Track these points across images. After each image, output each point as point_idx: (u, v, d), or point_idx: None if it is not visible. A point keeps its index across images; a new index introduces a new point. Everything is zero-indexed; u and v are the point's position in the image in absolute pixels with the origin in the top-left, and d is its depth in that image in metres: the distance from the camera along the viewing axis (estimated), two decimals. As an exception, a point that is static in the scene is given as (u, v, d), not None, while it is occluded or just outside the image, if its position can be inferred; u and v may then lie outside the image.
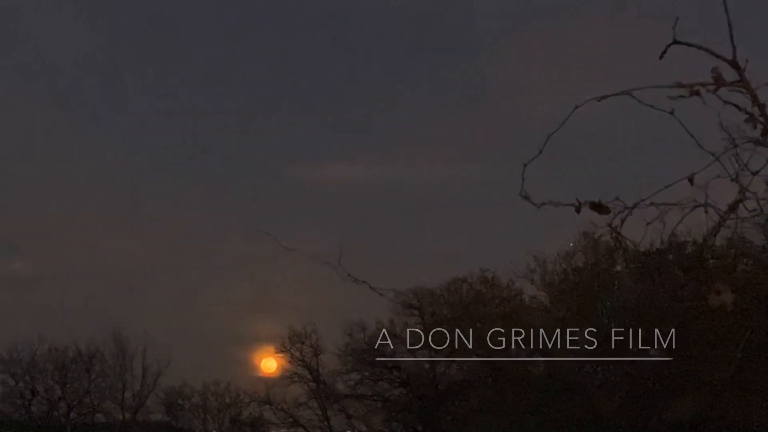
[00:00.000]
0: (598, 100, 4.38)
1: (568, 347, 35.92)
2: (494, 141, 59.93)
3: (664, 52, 4.52)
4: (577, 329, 35.41)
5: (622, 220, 4.92)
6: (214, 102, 73.72)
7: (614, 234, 5.06)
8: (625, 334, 34.00)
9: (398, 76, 66.96)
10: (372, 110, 65.44)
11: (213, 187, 70.26)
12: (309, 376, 47.70)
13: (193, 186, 70.60)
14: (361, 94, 67.88)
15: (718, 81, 4.42)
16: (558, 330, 36.32)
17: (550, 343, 36.87)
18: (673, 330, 32.32)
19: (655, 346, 35.30)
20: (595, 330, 34.99)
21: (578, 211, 4.62)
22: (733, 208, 4.96)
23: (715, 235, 5.60)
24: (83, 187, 72.10)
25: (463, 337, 41.50)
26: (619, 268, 36.35)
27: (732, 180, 4.88)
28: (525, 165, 4.53)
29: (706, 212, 5.01)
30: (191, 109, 70.50)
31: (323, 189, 65.20)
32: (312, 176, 67.12)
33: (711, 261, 28.84)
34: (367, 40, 67.40)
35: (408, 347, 45.20)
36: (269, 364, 50.25)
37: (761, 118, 4.57)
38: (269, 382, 48.63)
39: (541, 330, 37.30)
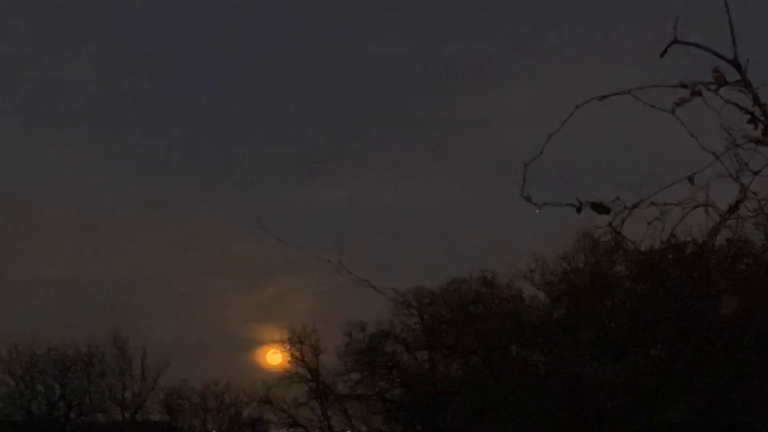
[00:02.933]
0: (599, 100, 4.36)
1: (568, 347, 35.91)
2: (473, 163, 63.15)
3: (665, 51, 4.51)
4: (577, 329, 35.40)
5: (623, 220, 4.91)
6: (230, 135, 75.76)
7: (614, 234, 5.05)
8: (626, 334, 33.99)
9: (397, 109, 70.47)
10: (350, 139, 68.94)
11: (220, 200, 72.28)
12: (309, 376, 47.70)
13: (199, 196, 72.44)
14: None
15: (720, 80, 4.40)
16: (558, 330, 36.32)
17: (550, 343, 36.87)
18: (673, 330, 32.31)
19: (656, 346, 35.30)
20: (595, 330, 34.98)
21: (579, 211, 4.61)
22: (733, 208, 4.95)
23: (715, 235, 5.60)
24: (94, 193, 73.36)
25: (462, 337, 41.53)
26: (619, 268, 36.30)
27: (733, 179, 4.87)
28: (526, 165, 4.52)
29: (707, 212, 5.00)
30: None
31: (324, 207, 67.35)
32: (314, 196, 69.42)
33: (711, 261, 28.83)
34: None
35: (408, 347, 45.22)
36: (275, 356, 50.40)
37: (762, 118, 4.56)
38: (270, 383, 48.63)
39: (541, 330, 37.30)
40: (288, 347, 48.40)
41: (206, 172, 75.37)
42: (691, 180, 4.73)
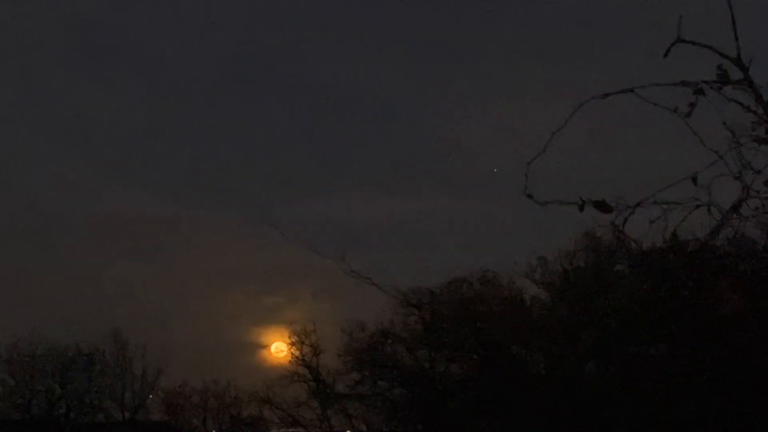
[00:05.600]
0: (602, 98, 4.34)
1: (568, 347, 35.90)
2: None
3: (668, 50, 4.49)
4: (578, 329, 35.38)
5: (625, 219, 4.89)
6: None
7: (617, 233, 5.02)
8: (626, 333, 33.97)
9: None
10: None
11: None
12: (309, 376, 47.70)
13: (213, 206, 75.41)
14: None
15: (723, 79, 4.38)
16: (559, 329, 36.30)
17: (550, 342, 36.85)
18: (674, 329, 32.28)
19: (657, 346, 35.26)
20: (596, 329, 34.96)
21: (582, 209, 4.59)
22: (736, 207, 4.93)
23: (717, 234, 5.57)
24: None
25: (462, 337, 41.49)
26: (620, 267, 36.28)
27: (735, 178, 4.84)
28: (529, 163, 4.50)
29: (709, 211, 4.98)
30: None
31: (326, 218, 71.07)
32: (318, 209, 74.35)
33: (714, 260, 28.79)
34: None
35: (408, 347, 45.17)
36: (280, 348, 50.51)
37: (765, 117, 4.54)
38: (270, 382, 48.62)
39: (542, 330, 37.28)
40: (289, 344, 48.55)
41: (220, 186, 78.90)
42: (694, 179, 4.71)
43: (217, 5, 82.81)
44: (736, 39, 4.42)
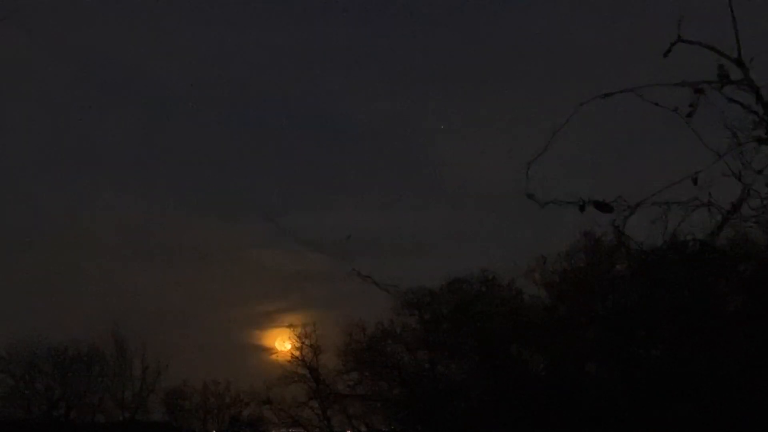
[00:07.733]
0: (603, 98, 4.34)
1: (568, 347, 35.87)
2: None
3: (669, 50, 4.49)
4: (578, 329, 35.36)
5: (625, 219, 4.89)
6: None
7: (617, 233, 5.03)
8: (626, 333, 33.97)
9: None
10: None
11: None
12: (309, 376, 47.72)
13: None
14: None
15: (723, 79, 4.38)
16: (558, 330, 36.28)
17: (550, 342, 36.83)
18: (674, 329, 32.28)
19: (657, 346, 35.27)
20: (595, 330, 34.95)
21: (582, 209, 4.59)
22: (736, 207, 4.93)
23: (718, 234, 5.57)
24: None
25: (462, 337, 41.47)
26: (620, 267, 36.25)
27: (736, 179, 4.85)
28: (529, 163, 4.50)
29: (709, 211, 4.99)
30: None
31: (325, 229, 72.98)
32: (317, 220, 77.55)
33: (714, 261, 28.75)
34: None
35: (408, 347, 45.17)
36: (284, 343, 50.65)
37: (765, 117, 4.54)
38: (270, 383, 48.68)
39: (541, 330, 37.26)
40: (294, 339, 48.74)
41: (223, 192, 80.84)
42: (694, 179, 4.71)
43: (232, 32, 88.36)
44: (737, 39, 4.42)
